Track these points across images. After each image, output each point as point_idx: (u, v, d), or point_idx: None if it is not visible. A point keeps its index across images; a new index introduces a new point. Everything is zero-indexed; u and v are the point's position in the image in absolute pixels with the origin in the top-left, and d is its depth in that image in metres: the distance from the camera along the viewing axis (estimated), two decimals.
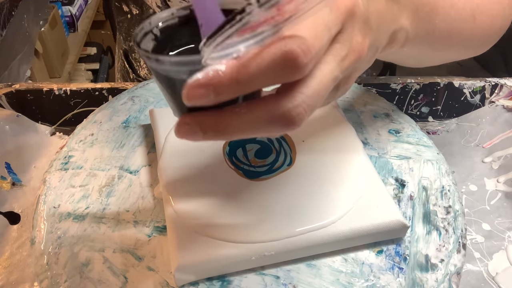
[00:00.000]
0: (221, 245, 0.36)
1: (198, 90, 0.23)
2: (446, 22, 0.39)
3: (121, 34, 0.72)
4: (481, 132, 0.56)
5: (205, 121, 0.25)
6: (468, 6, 0.40)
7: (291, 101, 0.24)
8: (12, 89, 0.57)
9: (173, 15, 0.31)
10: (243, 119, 0.25)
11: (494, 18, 0.43)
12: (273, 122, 0.24)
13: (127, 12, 0.68)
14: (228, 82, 0.23)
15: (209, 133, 0.25)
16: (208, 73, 0.23)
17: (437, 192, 0.43)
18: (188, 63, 0.24)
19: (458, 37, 0.41)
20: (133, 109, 0.52)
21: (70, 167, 0.45)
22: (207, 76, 0.23)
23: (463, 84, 0.58)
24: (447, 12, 0.38)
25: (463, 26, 0.40)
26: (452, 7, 0.39)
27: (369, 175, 0.41)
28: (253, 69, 0.23)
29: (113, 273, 0.37)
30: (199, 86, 0.23)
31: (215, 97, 0.24)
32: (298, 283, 0.36)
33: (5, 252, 0.44)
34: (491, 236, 0.47)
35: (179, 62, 0.24)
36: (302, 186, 0.40)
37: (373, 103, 0.53)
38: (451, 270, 0.38)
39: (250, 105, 0.25)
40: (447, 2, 0.38)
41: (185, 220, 0.37)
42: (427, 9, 0.36)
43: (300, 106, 0.24)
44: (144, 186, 0.43)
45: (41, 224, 0.40)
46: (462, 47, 0.43)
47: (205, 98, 0.24)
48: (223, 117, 0.25)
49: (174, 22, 0.31)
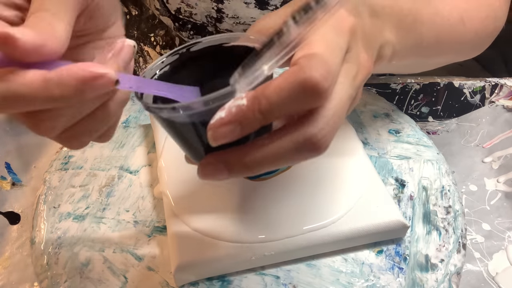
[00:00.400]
0: (221, 245, 0.36)
1: (224, 129, 0.23)
2: (433, 29, 0.38)
3: None
4: (481, 132, 0.56)
5: (230, 159, 0.25)
6: (455, 12, 0.40)
7: (315, 126, 0.24)
8: None
9: (164, 63, 0.31)
10: (269, 151, 0.24)
11: (485, 20, 0.43)
12: (300, 150, 0.24)
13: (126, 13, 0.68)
14: (252, 115, 0.23)
15: (235, 169, 0.25)
16: (231, 109, 0.23)
17: (437, 192, 0.43)
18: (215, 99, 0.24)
19: (449, 43, 0.40)
20: (133, 109, 0.52)
21: (70, 167, 0.45)
22: (231, 113, 0.23)
23: (463, 84, 0.58)
24: (433, 19, 0.38)
25: (453, 32, 0.40)
26: (438, 14, 0.38)
27: (369, 175, 0.41)
28: (275, 99, 0.23)
29: (113, 273, 0.37)
30: (223, 124, 0.23)
31: (241, 132, 0.24)
32: (298, 283, 0.36)
33: (5, 252, 0.44)
34: (491, 236, 0.47)
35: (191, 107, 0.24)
36: (302, 186, 0.40)
37: (373, 103, 0.53)
38: (451, 270, 0.38)
39: (273, 136, 0.25)
40: (431, 10, 0.38)
41: (185, 220, 0.37)
42: (410, 20, 0.36)
43: (324, 129, 0.24)
44: (144, 186, 0.43)
45: (41, 224, 0.40)
46: (455, 52, 0.43)
47: (231, 135, 0.24)
48: (248, 151, 0.25)
49: (166, 71, 0.32)
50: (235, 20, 0.56)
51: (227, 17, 0.56)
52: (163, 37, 0.64)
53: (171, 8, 0.57)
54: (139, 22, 0.66)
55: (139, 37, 0.67)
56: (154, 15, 0.64)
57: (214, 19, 0.56)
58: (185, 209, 0.38)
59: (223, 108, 0.24)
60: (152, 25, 0.65)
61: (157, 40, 0.65)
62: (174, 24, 0.59)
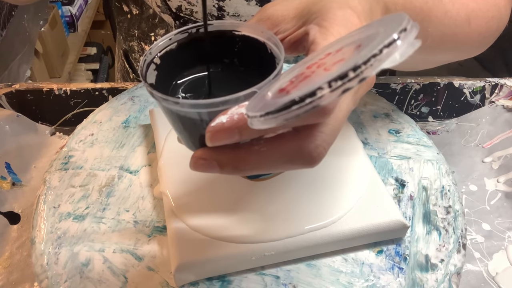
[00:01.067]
0: (221, 245, 0.36)
1: (223, 134, 0.24)
2: (439, 29, 0.38)
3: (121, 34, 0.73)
4: (481, 132, 0.56)
5: (223, 158, 0.25)
6: (463, 11, 0.40)
7: (313, 141, 0.24)
8: (12, 89, 0.57)
9: (171, 40, 0.31)
10: (263, 157, 0.24)
11: (490, 20, 0.43)
12: (294, 162, 0.24)
13: (127, 12, 0.68)
14: None
15: (227, 169, 0.25)
16: (233, 116, 0.23)
17: (437, 192, 0.43)
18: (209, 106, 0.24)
19: (452, 42, 0.41)
20: (133, 109, 0.52)
21: (70, 167, 0.45)
22: (232, 120, 0.23)
23: (463, 84, 0.58)
24: (441, 19, 0.38)
25: (457, 31, 0.40)
26: (446, 14, 0.38)
27: (369, 175, 0.41)
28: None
29: (113, 273, 0.37)
30: (223, 129, 0.23)
31: (239, 139, 0.24)
32: (298, 283, 0.36)
33: (5, 252, 0.44)
34: (491, 236, 0.47)
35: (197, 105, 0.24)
36: (302, 186, 0.40)
37: (373, 103, 0.53)
38: (451, 270, 0.38)
39: (270, 144, 0.25)
40: (441, 10, 0.38)
41: (185, 220, 0.37)
42: (419, 19, 0.36)
43: (321, 145, 0.24)
44: (144, 186, 0.43)
45: (41, 224, 0.40)
46: (457, 50, 0.43)
47: (229, 140, 0.24)
48: (242, 154, 0.25)
49: (173, 48, 0.32)
50: (236, 18, 0.56)
51: (228, 15, 0.56)
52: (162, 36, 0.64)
53: (172, 6, 0.57)
54: (140, 21, 0.66)
55: (140, 37, 0.67)
56: (154, 14, 0.64)
57: (215, 17, 0.56)
58: (185, 209, 0.38)
59: (225, 113, 0.24)
60: (152, 24, 0.65)
61: (157, 39, 0.65)
62: (175, 22, 0.59)
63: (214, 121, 0.24)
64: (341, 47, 0.23)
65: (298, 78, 0.23)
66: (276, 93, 0.23)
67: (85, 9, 1.84)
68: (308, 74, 0.23)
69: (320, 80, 0.20)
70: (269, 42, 0.30)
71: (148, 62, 0.30)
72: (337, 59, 0.22)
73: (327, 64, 0.22)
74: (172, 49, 0.31)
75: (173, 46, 0.31)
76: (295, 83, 0.23)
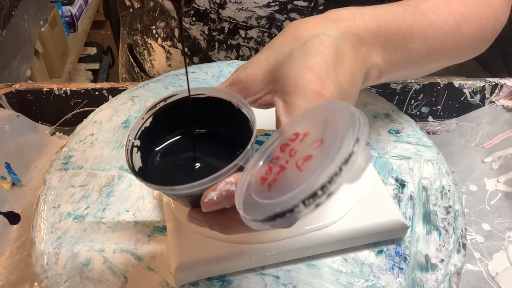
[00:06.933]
0: (221, 245, 0.36)
1: (214, 206, 0.28)
2: (425, 42, 0.38)
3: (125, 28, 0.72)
4: (481, 132, 0.56)
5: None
6: (451, 19, 0.39)
7: None
8: (12, 89, 0.57)
9: (143, 119, 0.33)
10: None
11: (484, 22, 0.42)
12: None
13: (129, 6, 0.68)
14: None
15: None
16: (222, 193, 0.27)
17: (437, 192, 0.43)
18: (200, 185, 0.28)
19: (442, 51, 0.40)
20: (133, 109, 0.52)
21: (70, 167, 0.45)
22: (221, 196, 0.28)
23: (463, 84, 0.58)
24: (425, 33, 0.37)
25: (447, 40, 0.39)
26: (430, 27, 0.38)
27: (369, 175, 0.41)
28: None
29: (113, 273, 0.37)
30: (215, 203, 0.28)
31: (229, 205, 0.28)
32: (298, 283, 0.36)
33: (5, 252, 0.44)
34: (491, 236, 0.47)
35: (191, 187, 0.28)
36: None
37: (373, 103, 0.53)
38: (451, 270, 0.38)
39: None
40: (423, 24, 0.37)
41: (185, 220, 0.37)
42: (398, 37, 0.36)
43: None
44: (144, 186, 0.43)
45: (41, 224, 0.40)
46: (451, 57, 0.42)
47: (220, 207, 0.28)
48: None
49: (147, 126, 0.33)
50: (238, 5, 0.55)
51: (230, 2, 0.55)
52: (163, 29, 0.64)
53: None
54: (141, 15, 0.66)
55: (142, 30, 0.67)
56: (154, 7, 0.63)
57: (217, 5, 0.56)
58: (185, 210, 0.38)
59: (214, 188, 0.27)
60: (153, 17, 0.65)
61: (158, 32, 0.65)
62: None
63: (206, 197, 0.28)
64: (306, 131, 0.26)
65: (275, 166, 0.26)
66: (259, 184, 0.26)
67: (85, 9, 1.84)
68: (284, 165, 0.26)
69: (296, 191, 0.23)
70: (235, 100, 0.32)
71: (129, 148, 0.32)
72: (305, 154, 0.25)
73: (297, 157, 0.25)
74: (147, 126, 0.33)
75: (147, 124, 0.33)
76: (274, 174, 0.26)
